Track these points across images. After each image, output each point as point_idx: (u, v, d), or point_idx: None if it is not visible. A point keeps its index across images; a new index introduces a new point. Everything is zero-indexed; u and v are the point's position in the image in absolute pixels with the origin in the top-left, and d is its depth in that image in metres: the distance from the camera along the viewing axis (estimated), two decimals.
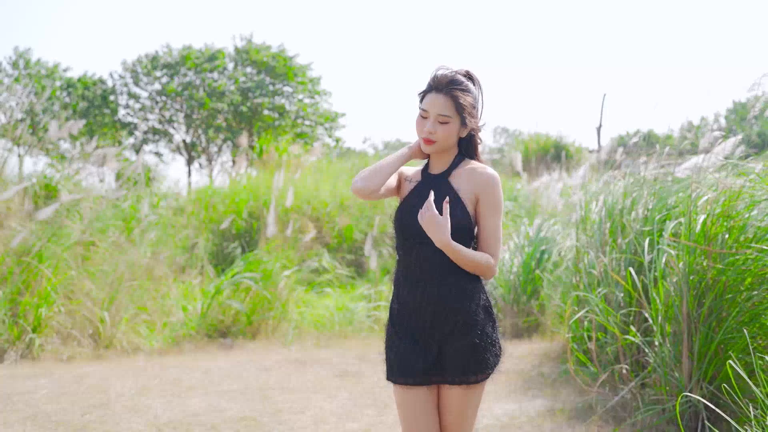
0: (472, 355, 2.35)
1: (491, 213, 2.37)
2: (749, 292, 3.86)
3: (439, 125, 2.36)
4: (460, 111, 2.36)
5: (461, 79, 2.39)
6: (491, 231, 2.38)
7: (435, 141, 2.37)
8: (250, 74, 24.24)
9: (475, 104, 2.42)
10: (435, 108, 2.36)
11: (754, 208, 4.07)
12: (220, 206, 10.93)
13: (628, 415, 4.27)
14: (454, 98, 2.34)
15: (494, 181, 2.38)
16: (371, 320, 8.24)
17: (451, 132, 2.37)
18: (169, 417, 4.52)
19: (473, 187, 2.38)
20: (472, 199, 2.38)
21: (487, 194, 2.37)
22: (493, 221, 2.38)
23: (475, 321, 2.36)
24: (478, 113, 2.45)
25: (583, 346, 5.20)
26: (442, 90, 2.36)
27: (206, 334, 7.38)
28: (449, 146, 2.42)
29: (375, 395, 5.14)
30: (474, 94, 2.42)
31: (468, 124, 2.39)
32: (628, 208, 5.26)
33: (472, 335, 2.35)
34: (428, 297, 2.35)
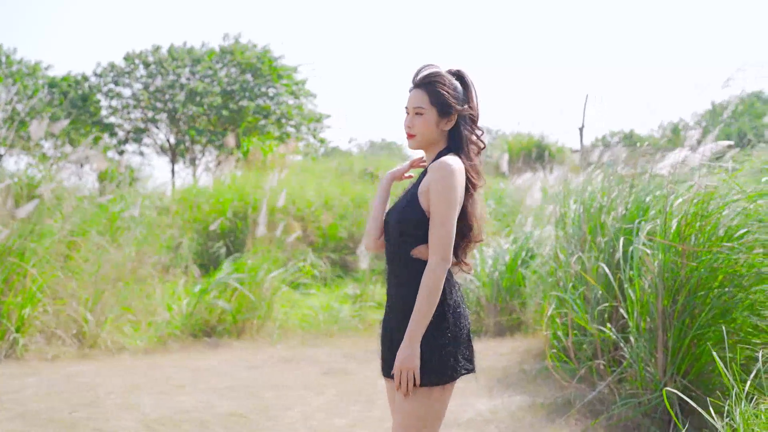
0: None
1: (434, 203, 2.28)
2: (721, 289, 3.99)
3: (414, 118, 2.41)
4: (434, 102, 2.39)
5: (437, 72, 2.43)
6: (434, 220, 2.27)
7: (414, 135, 2.42)
8: (233, 74, 24.17)
9: (458, 96, 2.41)
10: (411, 102, 2.42)
11: (725, 209, 4.20)
12: (204, 206, 10.96)
13: (605, 409, 4.39)
14: (428, 90, 2.40)
15: (440, 171, 2.28)
16: (356, 320, 8.32)
17: (427, 123, 2.39)
18: (158, 414, 4.58)
19: (427, 180, 2.34)
20: (425, 192, 2.33)
21: (432, 184, 2.29)
22: (435, 212, 2.27)
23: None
24: (460, 105, 2.41)
25: (562, 343, 5.31)
26: (418, 85, 2.43)
27: (191, 334, 7.42)
28: (430, 139, 2.42)
29: (362, 392, 5.23)
30: (454, 87, 2.42)
31: (449, 114, 2.39)
32: (607, 207, 5.38)
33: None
34: (390, 291, 2.43)
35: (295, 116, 24.23)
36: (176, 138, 24.34)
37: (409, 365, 2.22)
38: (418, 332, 2.24)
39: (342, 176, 13.35)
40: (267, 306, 7.81)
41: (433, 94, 2.39)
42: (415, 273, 2.32)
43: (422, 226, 2.32)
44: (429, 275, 2.25)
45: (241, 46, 24.33)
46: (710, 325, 3.96)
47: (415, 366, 2.22)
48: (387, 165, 14.42)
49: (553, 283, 5.77)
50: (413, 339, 2.23)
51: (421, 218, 2.33)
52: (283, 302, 8.28)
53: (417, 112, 2.41)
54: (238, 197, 10.91)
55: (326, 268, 10.25)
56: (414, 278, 2.31)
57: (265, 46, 24.28)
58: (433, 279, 2.25)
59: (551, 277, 5.93)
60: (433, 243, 2.27)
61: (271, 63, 23.88)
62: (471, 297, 7.49)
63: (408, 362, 2.22)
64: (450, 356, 2.27)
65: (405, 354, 2.23)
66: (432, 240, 2.28)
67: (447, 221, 2.26)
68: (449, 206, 2.27)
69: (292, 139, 19.27)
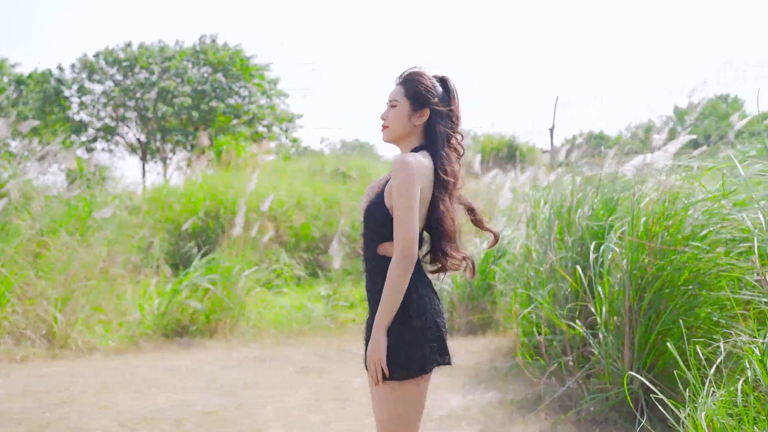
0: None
1: (394, 197, 2.29)
2: (686, 287, 4.11)
3: (388, 110, 2.48)
4: (409, 95, 2.44)
5: (419, 71, 2.49)
6: (395, 216, 2.29)
7: (387, 125, 2.47)
8: (204, 73, 23.97)
9: (434, 94, 2.44)
10: (389, 96, 2.50)
11: (690, 208, 4.33)
12: (176, 206, 10.89)
13: (574, 404, 4.49)
14: (406, 85, 2.46)
15: (397, 165, 2.30)
16: (329, 320, 8.35)
17: (399, 115, 2.44)
18: (134, 413, 4.58)
19: (390, 177, 2.36)
20: (389, 190, 2.35)
21: (392, 181, 2.32)
22: (396, 206, 2.28)
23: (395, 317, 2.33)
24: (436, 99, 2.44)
25: (532, 340, 5.42)
26: (398, 82, 2.51)
27: (163, 334, 7.39)
28: (401, 131, 2.45)
29: (337, 390, 5.28)
30: (432, 86, 2.46)
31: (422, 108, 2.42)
32: (576, 207, 5.50)
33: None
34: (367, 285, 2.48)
35: (268, 116, 24.12)
36: (147, 137, 24.08)
37: (374, 357, 2.28)
38: (381, 325, 2.29)
39: (314, 176, 13.35)
40: (240, 306, 7.81)
41: (409, 87, 2.46)
42: (381, 270, 2.36)
43: (388, 225, 2.34)
44: (392, 270, 2.28)
45: (213, 45, 24.15)
46: (675, 322, 4.08)
47: (379, 357, 2.27)
48: (359, 165, 14.47)
49: (524, 281, 5.88)
50: (377, 331, 2.29)
51: (386, 216, 2.35)
52: (256, 302, 8.28)
53: (392, 104, 2.47)
54: (210, 197, 10.86)
55: (299, 267, 10.27)
56: (381, 275, 2.35)
57: (236, 46, 24.15)
58: (397, 274, 2.26)
59: (522, 276, 6.03)
60: (395, 239, 2.29)
61: (243, 62, 23.75)
62: (444, 296, 7.57)
63: (373, 354, 2.28)
64: (417, 350, 2.30)
65: (371, 346, 2.30)
66: (394, 236, 2.29)
67: (407, 217, 2.27)
68: (408, 201, 2.27)
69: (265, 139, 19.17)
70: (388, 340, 2.29)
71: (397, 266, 2.27)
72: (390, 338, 2.29)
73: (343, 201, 11.81)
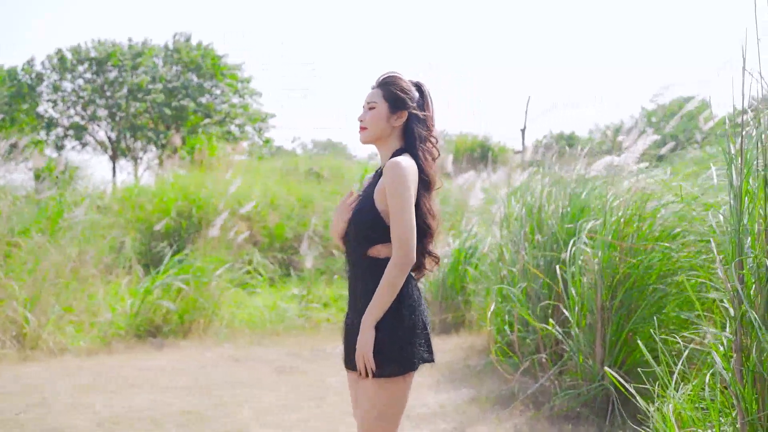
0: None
1: (390, 199, 2.35)
2: (656, 285, 4.23)
3: (366, 112, 2.54)
4: (387, 97, 2.51)
5: (395, 74, 2.57)
6: (393, 218, 2.35)
7: (366, 127, 2.53)
8: (176, 72, 23.74)
9: (411, 98, 2.52)
10: (367, 99, 2.56)
11: (661, 210, 4.45)
12: (147, 205, 10.80)
13: (547, 400, 4.58)
14: (383, 88, 2.54)
15: (392, 169, 2.36)
16: (303, 319, 8.37)
17: (378, 116, 2.50)
18: (111, 413, 4.56)
19: (382, 181, 2.42)
20: (381, 192, 2.41)
21: (387, 182, 2.36)
22: (393, 207, 2.35)
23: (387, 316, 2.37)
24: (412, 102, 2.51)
25: (505, 338, 5.50)
26: (375, 85, 2.58)
27: (136, 334, 7.35)
28: (380, 132, 2.51)
29: (313, 389, 5.33)
30: (409, 89, 2.53)
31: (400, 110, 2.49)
32: (547, 207, 5.61)
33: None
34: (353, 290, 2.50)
35: (240, 115, 23.98)
36: (117, 135, 23.78)
37: (363, 351, 2.32)
38: (372, 321, 2.34)
39: (287, 176, 13.33)
40: (214, 306, 7.79)
41: (387, 90, 2.53)
42: (373, 272, 2.40)
43: (377, 227, 2.40)
44: (392, 271, 2.33)
45: (186, 45, 23.93)
46: (645, 320, 4.19)
47: (368, 351, 2.32)
48: (332, 165, 14.48)
49: (497, 280, 5.96)
50: (368, 328, 2.34)
51: (375, 219, 2.40)
52: (229, 302, 8.26)
53: (370, 106, 2.53)
54: (182, 197, 10.78)
55: (273, 268, 10.26)
56: (373, 277, 2.39)
57: (208, 44, 23.96)
58: (394, 274, 2.33)
59: (494, 275, 6.12)
60: (395, 239, 2.34)
61: (215, 61, 23.58)
62: None
63: (363, 348, 2.33)
64: (409, 347, 2.36)
65: (360, 342, 2.34)
66: (393, 237, 2.35)
67: (406, 219, 2.33)
68: (405, 203, 2.34)
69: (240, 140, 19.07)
70: (382, 337, 2.34)
71: (396, 266, 2.33)
72: (383, 335, 2.34)
73: (317, 201, 11.83)
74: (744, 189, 2.60)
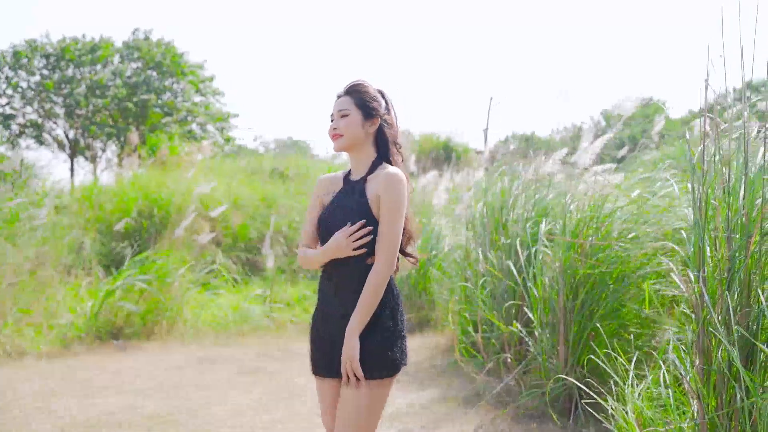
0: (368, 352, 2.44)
1: (385, 212, 2.43)
2: (617, 286, 4.34)
3: (340, 120, 2.58)
4: (359, 105, 2.57)
5: (362, 82, 2.64)
6: (383, 230, 2.43)
7: (341, 134, 2.56)
8: (137, 69, 23.32)
9: (380, 105, 2.61)
10: (337, 107, 2.61)
11: (618, 211, 4.58)
12: (108, 205, 10.63)
13: (512, 399, 4.67)
14: (353, 96, 2.60)
15: (391, 181, 2.44)
16: (267, 320, 8.35)
17: (352, 123, 2.55)
18: (77, 418, 4.50)
19: (377, 188, 2.48)
20: (376, 201, 2.48)
21: (385, 194, 2.44)
22: (386, 220, 2.42)
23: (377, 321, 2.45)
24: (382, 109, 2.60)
25: (470, 338, 5.58)
26: (343, 93, 2.64)
27: (97, 336, 7.24)
28: (356, 139, 2.56)
29: (285, 389, 5.34)
30: (376, 96, 2.62)
31: (370, 116, 2.57)
32: (508, 208, 5.71)
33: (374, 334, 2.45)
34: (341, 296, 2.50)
35: (202, 114, 23.68)
36: (75, 133, 23.25)
37: (350, 357, 2.38)
38: (360, 328, 2.41)
39: (251, 176, 13.24)
40: (177, 307, 7.72)
41: (357, 98, 2.59)
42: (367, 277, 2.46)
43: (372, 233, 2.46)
44: (376, 276, 2.41)
45: (147, 42, 23.51)
46: (605, 320, 4.31)
47: (355, 356, 2.37)
48: (297, 164, 14.42)
49: (461, 280, 6.04)
50: (355, 334, 2.40)
51: (375, 227, 2.46)
52: (192, 303, 8.20)
53: (343, 114, 2.58)
54: (143, 196, 10.64)
55: (236, 268, 10.20)
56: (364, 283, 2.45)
57: (169, 42, 23.59)
58: (380, 280, 2.41)
59: (459, 276, 6.20)
60: (383, 247, 2.42)
61: (176, 59, 23.23)
62: None
63: (351, 354, 2.38)
64: (397, 350, 2.46)
65: (349, 347, 2.39)
66: (382, 244, 2.42)
67: (397, 229, 2.43)
68: (400, 215, 2.44)
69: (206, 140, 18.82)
70: (373, 341, 2.41)
71: (380, 274, 2.41)
72: (375, 339, 2.42)
73: (281, 201, 11.78)
74: (707, 200, 2.71)
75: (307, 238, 2.65)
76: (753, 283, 2.59)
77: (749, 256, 2.58)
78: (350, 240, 2.43)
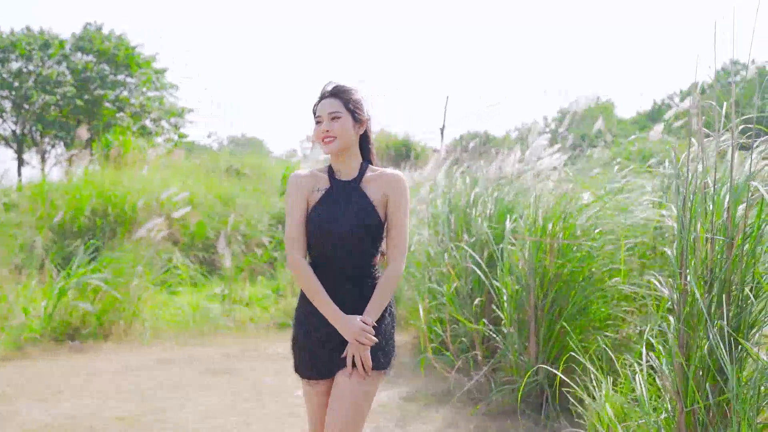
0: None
1: (400, 212, 2.55)
2: (587, 283, 4.44)
3: (332, 122, 2.58)
4: (349, 108, 2.59)
5: (348, 85, 2.66)
6: (400, 229, 2.54)
7: (334, 137, 2.57)
8: (88, 62, 22.62)
9: (363, 104, 2.65)
10: (326, 109, 2.60)
11: (583, 211, 4.68)
12: (59, 202, 10.33)
13: (483, 396, 4.72)
14: (342, 98, 2.61)
15: (403, 184, 2.57)
16: (227, 319, 8.25)
17: (345, 126, 2.57)
18: (39, 422, 4.37)
19: (384, 190, 2.56)
20: (383, 202, 2.56)
21: (396, 195, 2.55)
22: (401, 220, 2.55)
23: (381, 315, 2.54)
24: (365, 115, 2.66)
25: (438, 336, 5.62)
26: (329, 95, 2.63)
27: (53, 338, 7.04)
28: (349, 142, 2.59)
29: (252, 390, 5.29)
30: (360, 99, 2.66)
31: (359, 119, 2.61)
32: (471, 206, 5.78)
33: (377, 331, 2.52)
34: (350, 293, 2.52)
35: (156, 109, 23.14)
36: (23, 129, 22.44)
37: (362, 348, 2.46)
38: (372, 321, 2.49)
39: (207, 173, 13.04)
40: (135, 307, 7.55)
41: (347, 101, 2.61)
42: (371, 278, 2.56)
43: (377, 233, 2.56)
44: (395, 275, 2.53)
45: (98, 33, 22.83)
46: (575, 317, 4.40)
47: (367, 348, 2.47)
48: (253, 162, 14.27)
49: (425, 279, 6.08)
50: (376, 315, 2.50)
51: (378, 225, 2.55)
52: (151, 303, 8.04)
53: (334, 116, 2.58)
54: (97, 194, 10.37)
55: (194, 267, 10.04)
56: (370, 283, 2.55)
57: (122, 34, 22.98)
58: (397, 278, 2.54)
59: (422, 275, 6.24)
60: (400, 247, 2.55)
61: (129, 51, 22.65)
62: None
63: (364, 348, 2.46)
64: (392, 343, 2.60)
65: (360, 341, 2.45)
66: (399, 244, 2.55)
67: (407, 229, 2.58)
68: (407, 219, 2.58)
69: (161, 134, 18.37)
70: (385, 333, 2.54)
71: (398, 272, 2.54)
72: (386, 331, 2.54)
73: (238, 198, 11.65)
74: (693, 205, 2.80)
75: (298, 244, 2.56)
76: (733, 283, 2.69)
77: (731, 257, 2.68)
78: (362, 337, 2.45)
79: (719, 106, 2.86)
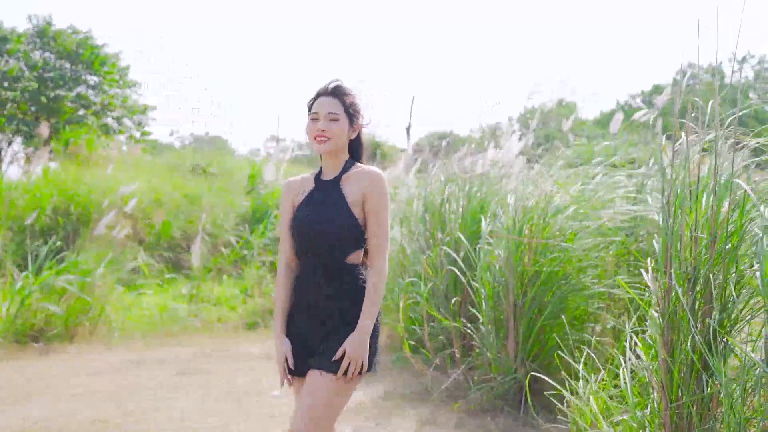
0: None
1: (377, 209, 2.48)
2: (567, 282, 4.49)
3: (330, 123, 2.54)
4: (347, 110, 2.56)
5: (347, 87, 2.62)
6: (379, 226, 2.48)
7: (329, 138, 2.53)
8: (50, 60, 22.02)
9: (360, 108, 2.62)
10: (324, 108, 2.55)
11: (561, 212, 4.73)
12: (19, 201, 10.05)
13: (462, 394, 4.74)
14: (341, 100, 2.56)
15: (379, 180, 2.50)
16: (195, 319, 8.14)
17: (341, 128, 2.54)
18: (6, 427, 4.23)
19: (360, 188, 2.50)
20: (359, 200, 2.50)
21: (372, 192, 2.48)
22: (378, 219, 2.48)
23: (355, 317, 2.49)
24: (363, 121, 2.64)
25: (414, 335, 5.63)
26: (330, 93, 2.58)
27: (15, 340, 6.84)
28: (341, 145, 2.57)
29: (226, 390, 5.21)
30: (359, 103, 2.62)
31: (355, 123, 2.58)
32: (445, 202, 5.80)
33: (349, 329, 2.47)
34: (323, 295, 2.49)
35: (119, 107, 22.64)
36: None
37: (362, 355, 2.40)
38: (371, 326, 2.43)
39: (172, 172, 12.83)
40: (101, 308, 7.39)
41: (346, 103, 2.56)
42: (352, 275, 2.49)
43: (358, 234, 2.50)
44: (381, 276, 2.45)
45: (60, 30, 22.23)
46: (555, 315, 4.45)
47: (365, 355, 2.41)
48: (219, 161, 14.10)
49: (402, 277, 6.08)
50: (367, 332, 2.42)
51: (356, 225, 2.49)
52: (117, 303, 7.87)
53: (332, 118, 2.54)
54: (58, 192, 10.13)
55: (160, 267, 9.88)
56: (349, 281, 2.48)
57: (86, 32, 22.44)
58: (383, 278, 2.45)
59: (398, 274, 6.24)
60: (381, 246, 2.49)
61: (93, 50, 22.11)
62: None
63: (360, 352, 2.40)
64: (376, 346, 2.55)
65: (359, 345, 2.40)
66: (381, 244, 2.49)
67: (388, 226, 2.51)
68: (388, 217, 2.51)
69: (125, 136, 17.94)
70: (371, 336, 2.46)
71: (383, 272, 2.46)
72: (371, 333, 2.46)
73: (205, 197, 11.50)
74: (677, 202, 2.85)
75: (283, 249, 2.61)
76: (716, 280, 2.74)
77: (714, 255, 2.74)
78: (281, 363, 2.50)
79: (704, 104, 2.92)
